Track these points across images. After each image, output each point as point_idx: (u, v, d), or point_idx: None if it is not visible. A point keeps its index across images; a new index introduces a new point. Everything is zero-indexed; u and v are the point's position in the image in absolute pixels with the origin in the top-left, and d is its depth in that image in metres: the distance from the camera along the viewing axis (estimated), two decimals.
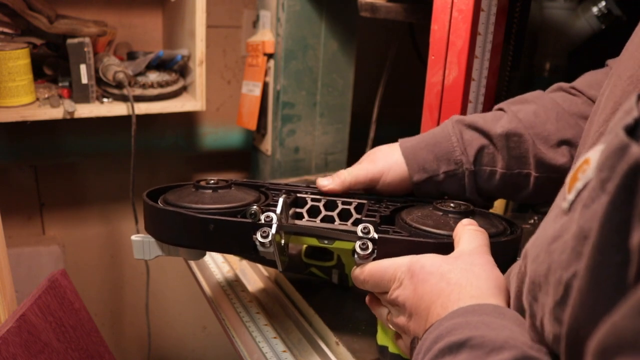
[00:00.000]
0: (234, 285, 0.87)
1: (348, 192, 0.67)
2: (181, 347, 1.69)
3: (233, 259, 0.95)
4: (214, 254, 0.97)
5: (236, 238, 0.59)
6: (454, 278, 0.46)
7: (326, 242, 0.62)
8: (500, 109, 0.69)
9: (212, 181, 0.67)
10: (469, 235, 0.52)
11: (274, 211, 0.59)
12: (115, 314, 1.57)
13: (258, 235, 0.58)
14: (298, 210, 0.65)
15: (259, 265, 0.91)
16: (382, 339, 0.63)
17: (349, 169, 0.66)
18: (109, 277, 1.53)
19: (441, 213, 0.60)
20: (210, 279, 0.89)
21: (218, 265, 0.93)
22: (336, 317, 0.72)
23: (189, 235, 0.60)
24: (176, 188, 0.69)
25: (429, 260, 0.49)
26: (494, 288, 0.45)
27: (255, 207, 0.60)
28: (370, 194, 0.68)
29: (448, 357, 0.39)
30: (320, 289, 0.78)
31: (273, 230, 0.58)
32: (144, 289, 1.47)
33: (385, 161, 0.66)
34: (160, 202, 0.64)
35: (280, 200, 0.61)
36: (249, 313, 0.79)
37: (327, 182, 0.66)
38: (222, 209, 0.61)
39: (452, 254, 0.50)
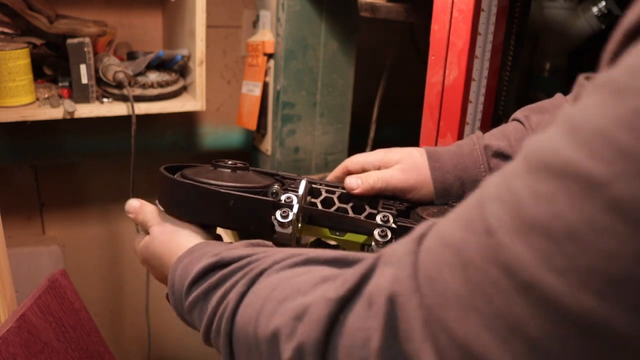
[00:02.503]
0: None
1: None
2: (181, 347, 1.68)
3: None
4: None
5: (255, 216, 0.59)
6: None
7: (337, 233, 0.62)
8: (519, 121, 0.67)
9: (230, 162, 0.67)
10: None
11: (294, 193, 0.59)
12: (115, 314, 1.57)
13: (278, 215, 0.58)
14: (313, 200, 0.65)
15: None
16: None
17: (379, 173, 0.65)
18: (109, 277, 1.53)
19: None
20: None
21: None
22: None
23: (207, 210, 0.60)
24: (192, 167, 0.69)
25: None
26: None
27: (276, 186, 0.60)
28: None
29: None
30: None
31: (294, 209, 0.58)
32: (144, 289, 1.47)
33: (419, 177, 0.65)
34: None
35: (303, 183, 0.62)
36: None
37: (355, 185, 0.64)
38: (242, 188, 0.61)
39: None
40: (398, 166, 0.66)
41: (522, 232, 0.24)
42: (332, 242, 0.71)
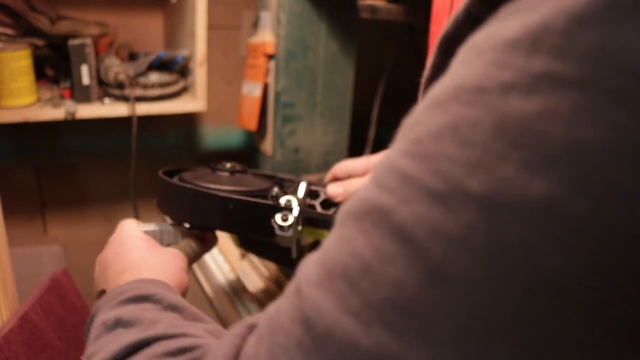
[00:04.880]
0: (234, 285, 0.87)
1: None
2: None
3: (234, 259, 0.95)
4: (215, 254, 0.97)
5: (254, 220, 0.59)
6: (150, 260, 0.56)
7: None
8: None
9: (229, 165, 0.66)
10: (183, 245, 0.62)
11: (294, 196, 0.59)
12: None
13: (278, 219, 0.58)
14: (311, 202, 0.65)
15: (260, 265, 0.92)
16: None
17: (360, 181, 0.65)
18: None
19: None
20: (210, 279, 0.90)
21: (218, 265, 0.94)
22: None
23: (206, 214, 0.60)
24: (190, 170, 0.69)
25: (139, 242, 0.59)
26: (170, 276, 0.55)
27: (276, 189, 0.60)
28: None
29: (132, 305, 0.44)
30: None
31: (295, 213, 0.58)
32: None
33: None
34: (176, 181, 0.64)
35: (303, 185, 0.61)
36: (250, 313, 0.79)
37: (337, 193, 0.64)
38: (241, 191, 0.61)
39: (162, 247, 0.60)
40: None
41: (323, 280, 0.23)
42: None
